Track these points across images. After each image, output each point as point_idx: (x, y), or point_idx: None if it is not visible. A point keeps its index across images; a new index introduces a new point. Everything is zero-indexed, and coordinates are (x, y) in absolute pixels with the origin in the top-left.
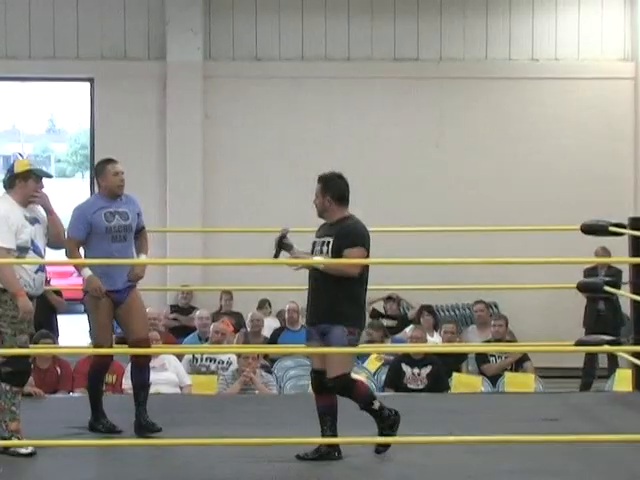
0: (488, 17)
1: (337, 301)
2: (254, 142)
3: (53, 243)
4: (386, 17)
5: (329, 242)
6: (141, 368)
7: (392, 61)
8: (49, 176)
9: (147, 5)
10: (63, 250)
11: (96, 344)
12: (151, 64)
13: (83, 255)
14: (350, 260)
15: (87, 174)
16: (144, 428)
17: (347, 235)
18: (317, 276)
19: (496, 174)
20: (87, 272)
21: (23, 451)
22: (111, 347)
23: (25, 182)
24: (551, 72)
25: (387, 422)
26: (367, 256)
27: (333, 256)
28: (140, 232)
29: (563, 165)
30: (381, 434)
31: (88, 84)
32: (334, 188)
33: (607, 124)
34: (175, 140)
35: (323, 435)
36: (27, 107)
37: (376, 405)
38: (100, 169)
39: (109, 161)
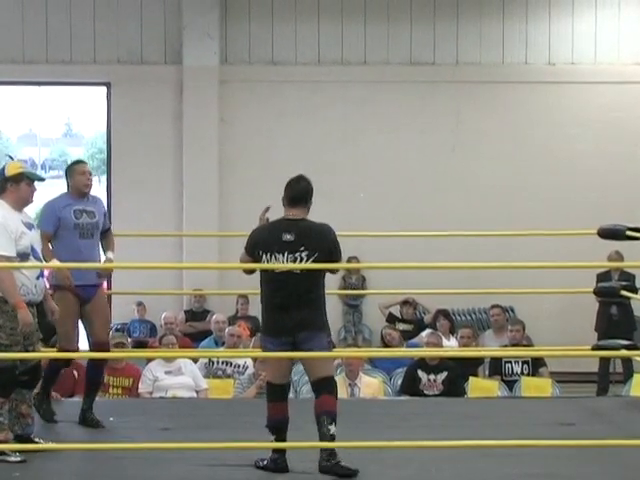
0: (504, 21)
1: None
2: (270, 146)
3: None
4: (402, 21)
5: None
6: (98, 367)
7: (408, 65)
8: (41, 179)
9: (164, 10)
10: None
11: (60, 346)
12: (168, 68)
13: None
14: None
15: (104, 178)
16: (88, 422)
17: None
18: None
19: (512, 178)
20: (55, 263)
21: (12, 459)
22: (77, 349)
23: (17, 185)
24: (568, 76)
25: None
26: (250, 257)
27: None
28: (106, 232)
29: (580, 169)
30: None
31: (105, 88)
32: (285, 191)
33: (624, 128)
34: (191, 144)
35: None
36: (44, 111)
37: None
38: (69, 170)
39: (77, 162)
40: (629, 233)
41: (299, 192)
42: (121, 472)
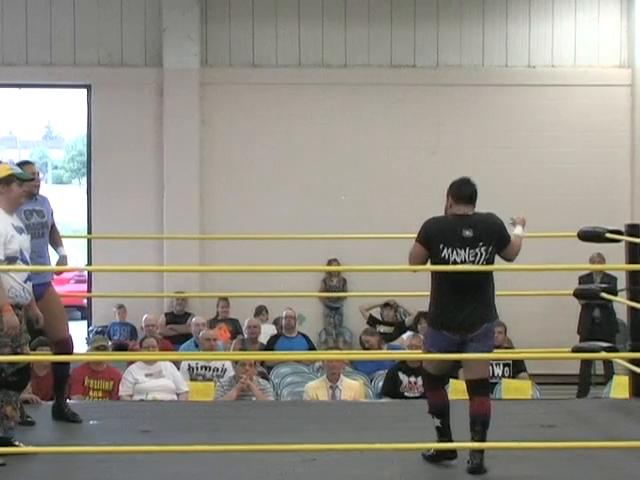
0: (485, 24)
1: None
2: (251, 148)
3: None
4: (383, 24)
5: None
6: (62, 363)
7: (389, 68)
8: (31, 179)
9: (144, 12)
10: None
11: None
12: (148, 71)
13: None
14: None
15: (84, 180)
16: (65, 417)
17: None
18: None
19: (492, 181)
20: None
21: None
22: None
23: (8, 187)
24: (547, 79)
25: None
26: (424, 249)
27: None
28: (52, 228)
29: (559, 172)
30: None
31: (85, 91)
32: (457, 189)
33: (604, 131)
34: (172, 147)
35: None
36: (24, 114)
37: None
38: None
39: (25, 163)
40: (609, 235)
41: (474, 191)
42: (101, 475)
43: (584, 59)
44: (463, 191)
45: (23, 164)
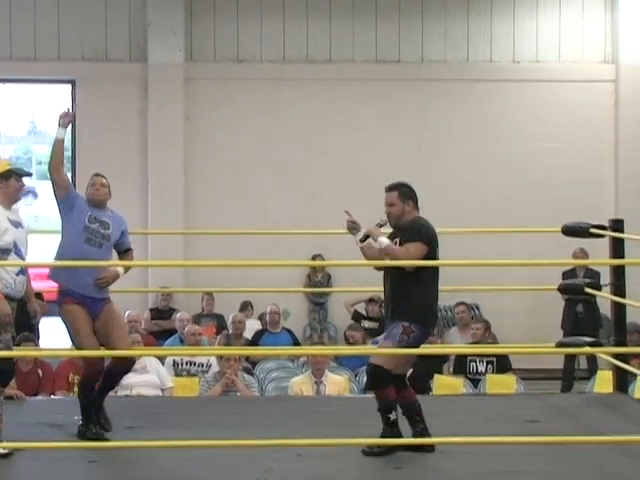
0: (469, 19)
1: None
2: (235, 144)
3: None
4: (367, 19)
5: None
6: (117, 376)
7: (373, 63)
8: (29, 174)
9: (128, 7)
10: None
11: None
12: (132, 66)
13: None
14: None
15: (68, 176)
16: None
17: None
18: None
19: (477, 176)
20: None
21: (0, 451)
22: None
23: (7, 182)
24: (532, 74)
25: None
26: (427, 250)
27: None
28: (125, 253)
29: (544, 167)
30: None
31: (69, 86)
32: (415, 194)
33: (588, 126)
34: (156, 142)
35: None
36: (8, 109)
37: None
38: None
39: (93, 174)
40: (593, 231)
41: None
42: (86, 471)
43: (568, 54)
44: (416, 197)
45: (93, 174)
